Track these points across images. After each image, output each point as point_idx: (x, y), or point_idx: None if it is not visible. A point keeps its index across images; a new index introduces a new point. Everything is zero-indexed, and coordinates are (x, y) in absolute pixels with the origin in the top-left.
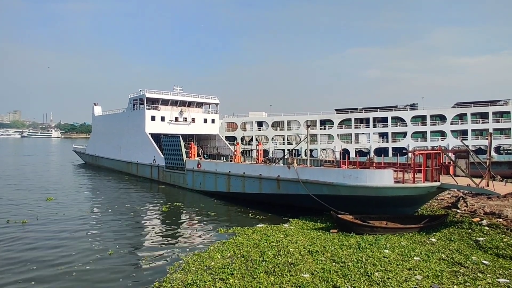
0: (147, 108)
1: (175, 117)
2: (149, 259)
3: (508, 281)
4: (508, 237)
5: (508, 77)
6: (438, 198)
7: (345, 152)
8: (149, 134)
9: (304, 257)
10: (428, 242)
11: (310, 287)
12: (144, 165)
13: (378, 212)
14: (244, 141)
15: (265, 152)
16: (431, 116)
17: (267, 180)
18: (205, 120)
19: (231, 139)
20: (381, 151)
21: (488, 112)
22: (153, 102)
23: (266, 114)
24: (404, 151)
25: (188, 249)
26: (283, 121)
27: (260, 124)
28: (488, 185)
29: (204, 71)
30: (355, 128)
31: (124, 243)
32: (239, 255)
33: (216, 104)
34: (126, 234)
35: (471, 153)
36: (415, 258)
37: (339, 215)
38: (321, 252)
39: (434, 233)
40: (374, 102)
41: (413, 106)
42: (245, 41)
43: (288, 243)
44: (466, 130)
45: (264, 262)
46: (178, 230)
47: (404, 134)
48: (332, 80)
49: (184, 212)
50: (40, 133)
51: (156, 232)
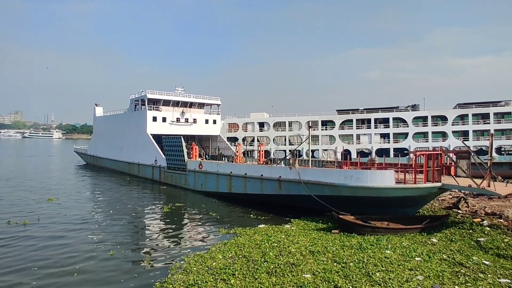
0: (148, 109)
1: (177, 118)
2: (150, 260)
3: (509, 281)
4: (509, 238)
5: (510, 77)
6: (439, 198)
7: (346, 153)
8: (151, 134)
9: (305, 258)
10: (429, 242)
11: (311, 287)
12: (146, 165)
13: (380, 213)
14: (245, 141)
15: (267, 152)
16: (432, 117)
17: (268, 180)
18: (206, 121)
19: (233, 139)
20: (382, 152)
21: (489, 113)
22: (155, 103)
23: (267, 114)
24: (405, 151)
25: (189, 250)
26: (285, 122)
27: (261, 124)
28: (489, 186)
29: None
30: (356, 128)
31: (126, 244)
32: (241, 256)
33: (218, 104)
34: (127, 235)
35: (472, 153)
36: (416, 258)
37: (341, 216)
38: (322, 252)
39: (435, 234)
40: (375, 102)
41: (414, 107)
42: (246, 41)
43: (290, 244)
44: (467, 131)
45: (266, 262)
46: (180, 230)
47: (405, 135)
48: (333, 80)
49: (186, 212)
50: (42, 133)
51: (157, 233)
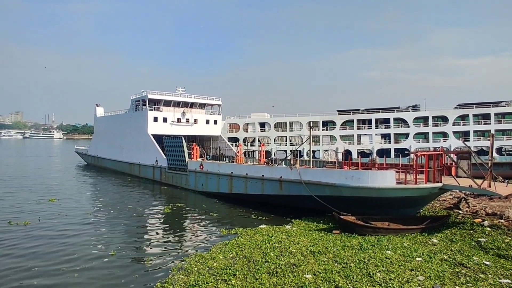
0: (149, 109)
1: (178, 118)
2: (151, 260)
3: (509, 281)
4: (510, 238)
5: (510, 78)
6: (440, 199)
7: (347, 153)
8: (151, 135)
9: (306, 258)
10: (430, 243)
11: (312, 287)
12: (147, 166)
13: (380, 213)
14: (246, 142)
15: (268, 153)
16: (433, 117)
17: (269, 181)
18: (207, 121)
19: (234, 140)
20: (383, 152)
21: (490, 113)
22: (155, 103)
23: (268, 115)
24: (406, 152)
25: (190, 250)
26: (286, 122)
27: (262, 125)
28: (489, 186)
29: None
30: (357, 129)
31: (127, 244)
32: (242, 256)
33: (219, 105)
34: (128, 235)
35: (473, 154)
36: (417, 258)
37: (342, 216)
38: (323, 252)
39: (436, 234)
40: (376, 103)
41: (415, 107)
42: (246, 41)
43: (291, 244)
44: (468, 131)
45: (267, 263)
46: (181, 231)
47: (406, 135)
48: (333, 80)
49: (187, 213)
50: (42, 134)
51: (158, 233)
